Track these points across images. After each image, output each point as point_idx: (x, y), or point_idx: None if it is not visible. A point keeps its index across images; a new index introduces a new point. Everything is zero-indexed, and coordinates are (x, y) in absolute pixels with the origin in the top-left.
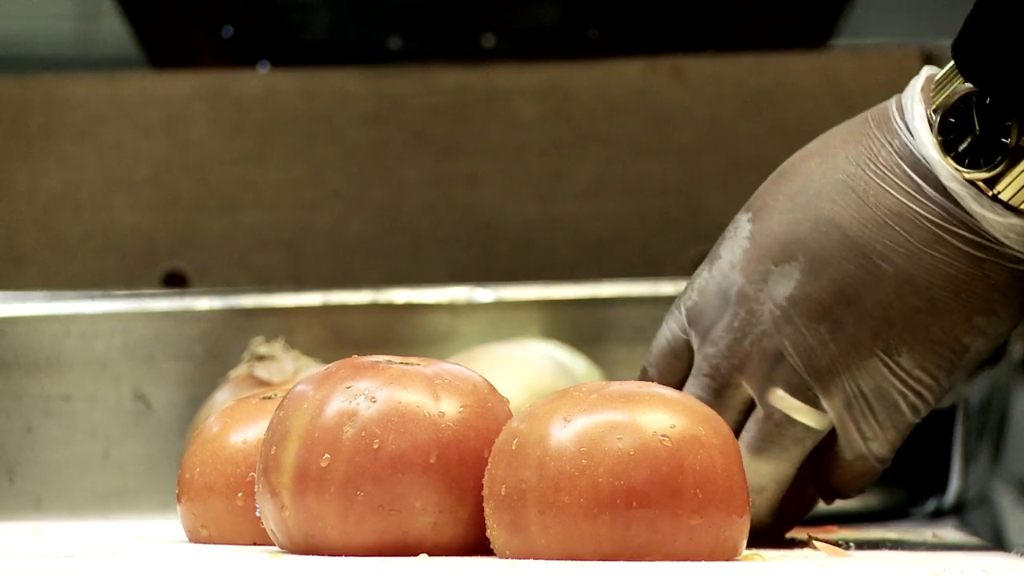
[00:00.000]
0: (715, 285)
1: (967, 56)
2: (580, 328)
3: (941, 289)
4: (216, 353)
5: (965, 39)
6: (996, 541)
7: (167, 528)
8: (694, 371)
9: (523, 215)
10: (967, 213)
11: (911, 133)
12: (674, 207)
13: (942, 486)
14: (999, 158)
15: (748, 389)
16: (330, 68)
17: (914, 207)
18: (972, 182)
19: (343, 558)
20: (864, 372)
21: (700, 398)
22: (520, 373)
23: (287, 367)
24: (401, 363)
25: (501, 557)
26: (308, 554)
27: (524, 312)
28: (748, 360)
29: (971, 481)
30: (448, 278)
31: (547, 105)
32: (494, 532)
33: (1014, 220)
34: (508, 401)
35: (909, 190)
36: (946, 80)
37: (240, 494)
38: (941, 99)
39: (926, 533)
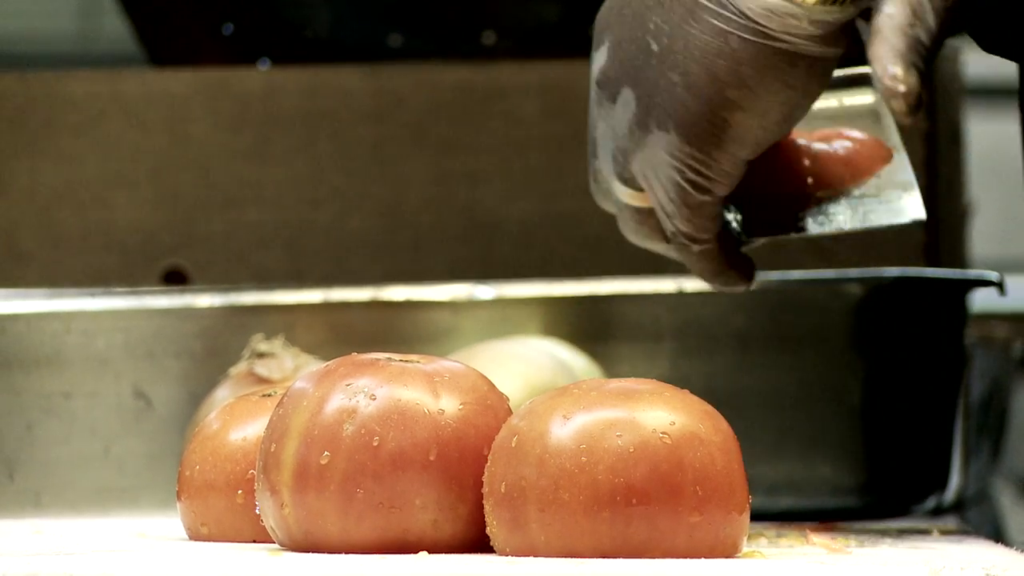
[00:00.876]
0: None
1: None
2: (580, 325)
3: (694, 63)
4: (216, 350)
5: None
6: (996, 538)
7: (167, 525)
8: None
9: (524, 212)
10: None
11: None
12: None
13: (942, 483)
14: None
15: (604, 179)
16: (331, 65)
17: None
18: None
19: (343, 555)
20: (648, 151)
21: (592, 185)
22: (520, 370)
23: (287, 364)
24: (401, 360)
25: (501, 554)
26: (308, 551)
27: (524, 309)
28: (593, 148)
29: (971, 478)
30: (448, 275)
31: (548, 102)
32: (494, 529)
33: None
34: (508, 398)
35: None
36: None
37: (240, 491)
38: None
39: (926, 530)
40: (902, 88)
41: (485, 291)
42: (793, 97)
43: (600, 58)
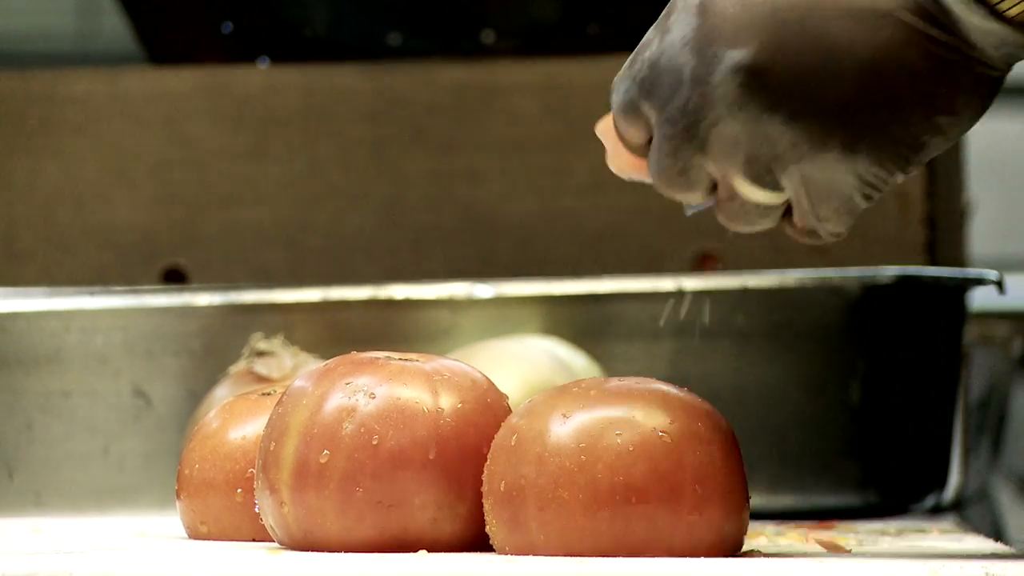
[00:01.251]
0: (666, 61)
1: None
2: (580, 324)
3: (906, 87)
4: (215, 349)
5: None
6: (996, 537)
7: (166, 524)
8: (656, 146)
9: (523, 211)
10: (946, 13)
11: None
12: (674, 202)
13: (941, 482)
14: None
15: (711, 168)
16: (330, 64)
17: (889, 4)
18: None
19: (342, 554)
20: (819, 164)
21: (667, 173)
22: (519, 369)
23: (286, 363)
24: (400, 359)
25: (500, 553)
26: (307, 550)
27: (524, 308)
28: (707, 143)
29: (970, 477)
30: (448, 274)
31: (547, 101)
32: (493, 528)
33: (994, 25)
34: (507, 397)
35: None
36: None
37: (239, 490)
38: None
39: (925, 529)
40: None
41: (484, 290)
42: (980, 119)
43: (744, 58)
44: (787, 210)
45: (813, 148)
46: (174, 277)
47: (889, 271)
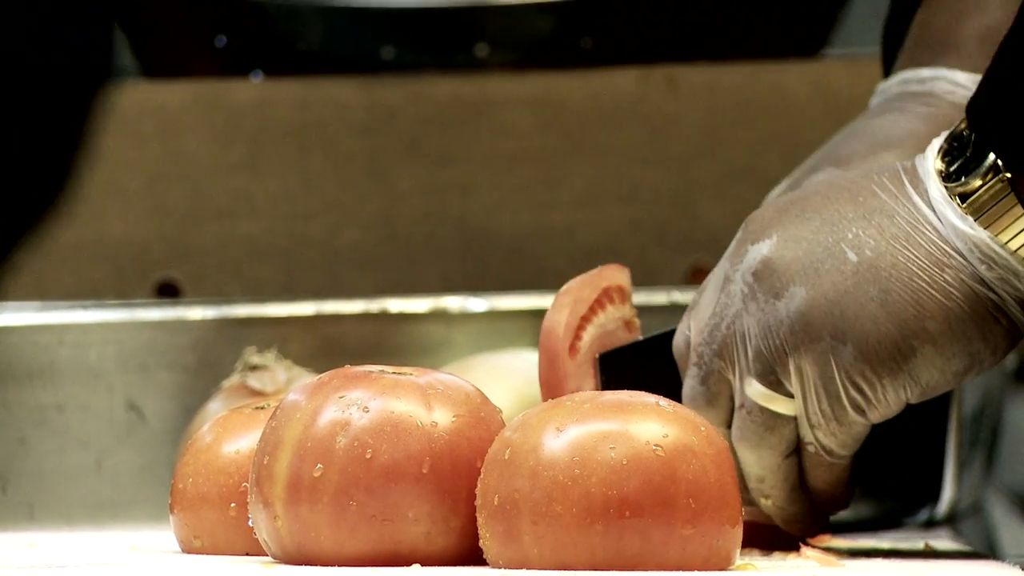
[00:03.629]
0: (710, 280)
1: (978, 116)
2: None
3: (899, 283)
4: (209, 363)
5: (980, 99)
6: (989, 550)
7: (160, 538)
8: (689, 365)
9: (516, 224)
10: (939, 219)
11: (923, 153)
12: (668, 216)
13: (935, 495)
14: (975, 175)
15: (729, 377)
16: (323, 78)
17: (895, 207)
18: (950, 192)
19: (336, 568)
20: (813, 355)
21: (692, 389)
22: (513, 383)
23: (280, 377)
24: (394, 373)
25: (494, 567)
26: (301, 564)
27: (517, 322)
28: (725, 345)
29: (964, 490)
30: (441, 288)
31: (541, 114)
32: (487, 542)
33: (980, 234)
34: (501, 411)
35: (897, 193)
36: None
37: (233, 504)
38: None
39: (919, 542)
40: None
41: (478, 303)
42: (982, 352)
43: (761, 250)
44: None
45: (808, 336)
46: (168, 291)
47: None
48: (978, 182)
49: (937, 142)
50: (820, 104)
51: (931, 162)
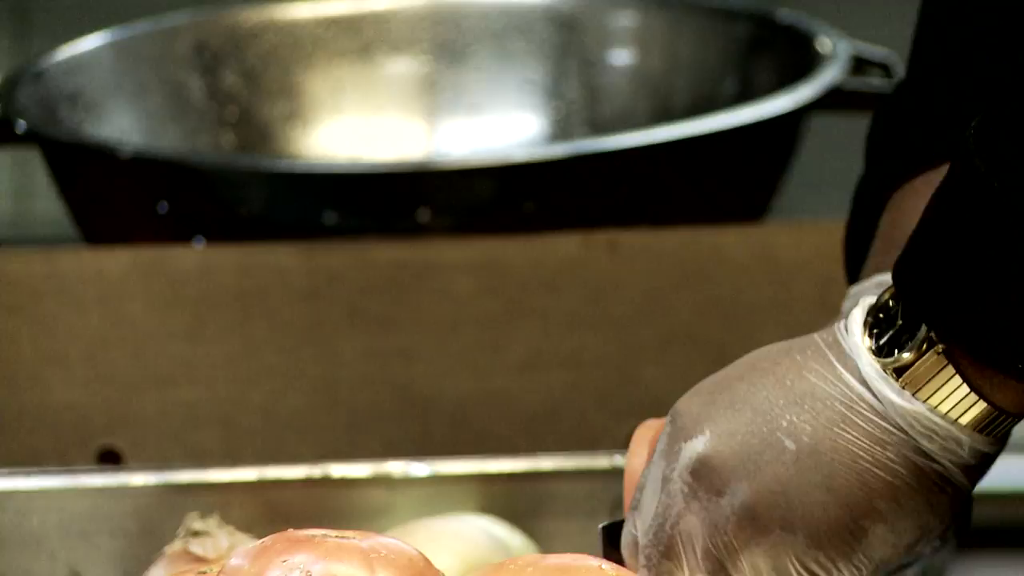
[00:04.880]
0: (648, 478)
1: (906, 287)
2: (516, 502)
3: (842, 466)
4: (151, 529)
5: (905, 262)
6: None
7: None
8: (639, 567)
9: (459, 390)
10: (875, 396)
11: (845, 327)
12: (610, 380)
13: None
14: (908, 348)
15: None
16: (265, 243)
17: (828, 388)
18: (884, 368)
19: None
20: (764, 549)
21: None
22: (456, 547)
23: (222, 543)
24: (337, 537)
25: None
26: None
27: (460, 486)
28: (671, 546)
29: None
30: (384, 452)
31: (483, 279)
32: None
33: (919, 408)
34: (444, 575)
35: (826, 373)
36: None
37: None
38: (876, 297)
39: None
40: None
41: (420, 468)
42: (932, 522)
43: (696, 447)
44: None
45: (757, 531)
46: (109, 458)
47: None
48: (912, 355)
49: (859, 314)
50: (762, 268)
51: (858, 338)
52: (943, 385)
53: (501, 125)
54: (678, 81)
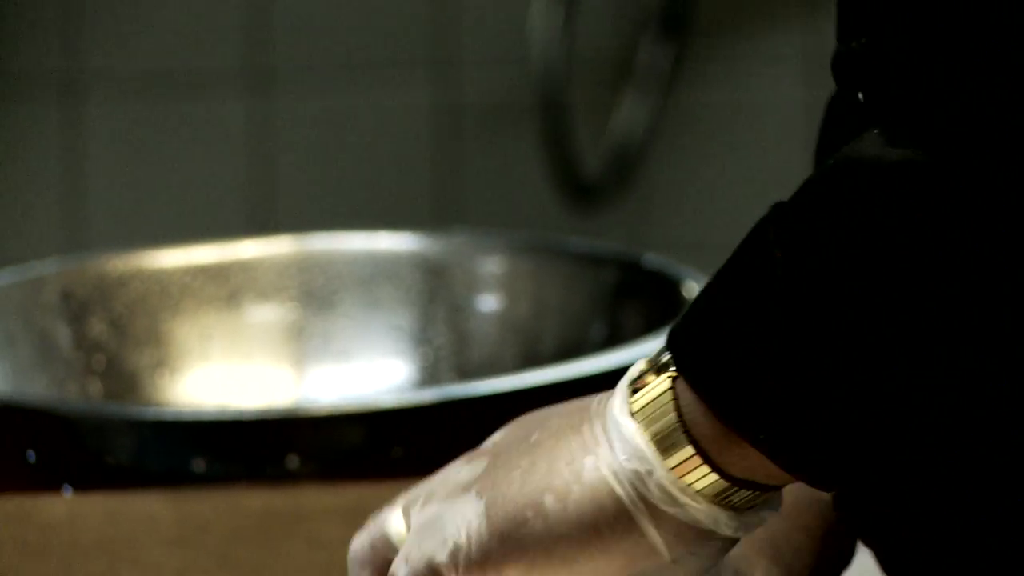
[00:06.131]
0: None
1: (679, 347)
2: None
3: (587, 531)
4: None
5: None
6: None
7: None
8: None
9: None
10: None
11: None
12: None
13: None
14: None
15: None
16: (134, 491)
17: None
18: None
19: None
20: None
21: None
22: None
23: None
24: None
25: None
26: None
27: None
28: None
29: None
30: None
31: (353, 525)
32: None
33: (637, 441)
34: None
35: (584, 437)
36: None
37: None
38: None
39: None
40: None
41: None
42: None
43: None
44: None
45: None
46: None
47: None
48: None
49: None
50: None
51: (624, 388)
52: (654, 400)
53: (369, 371)
54: (546, 326)
